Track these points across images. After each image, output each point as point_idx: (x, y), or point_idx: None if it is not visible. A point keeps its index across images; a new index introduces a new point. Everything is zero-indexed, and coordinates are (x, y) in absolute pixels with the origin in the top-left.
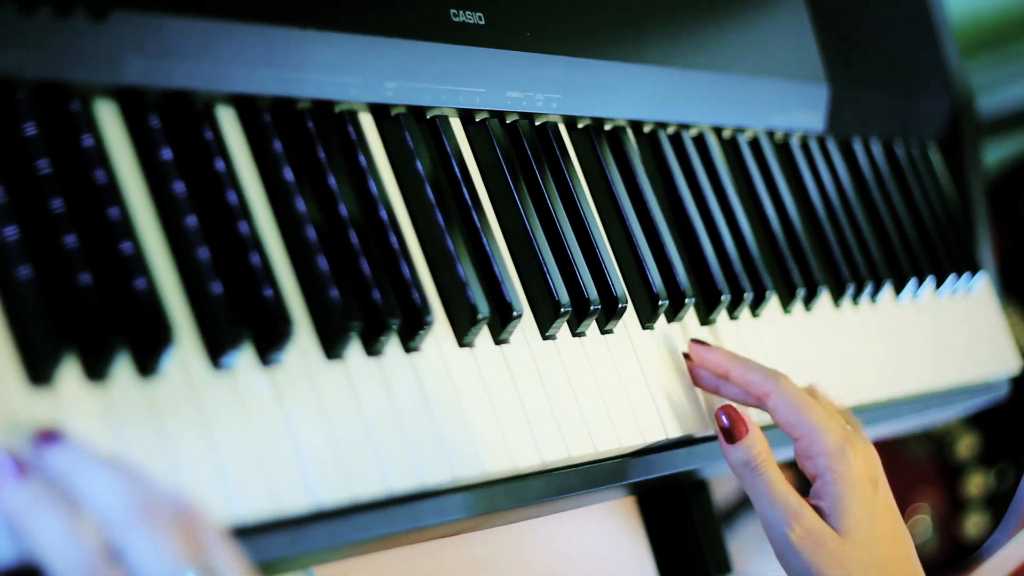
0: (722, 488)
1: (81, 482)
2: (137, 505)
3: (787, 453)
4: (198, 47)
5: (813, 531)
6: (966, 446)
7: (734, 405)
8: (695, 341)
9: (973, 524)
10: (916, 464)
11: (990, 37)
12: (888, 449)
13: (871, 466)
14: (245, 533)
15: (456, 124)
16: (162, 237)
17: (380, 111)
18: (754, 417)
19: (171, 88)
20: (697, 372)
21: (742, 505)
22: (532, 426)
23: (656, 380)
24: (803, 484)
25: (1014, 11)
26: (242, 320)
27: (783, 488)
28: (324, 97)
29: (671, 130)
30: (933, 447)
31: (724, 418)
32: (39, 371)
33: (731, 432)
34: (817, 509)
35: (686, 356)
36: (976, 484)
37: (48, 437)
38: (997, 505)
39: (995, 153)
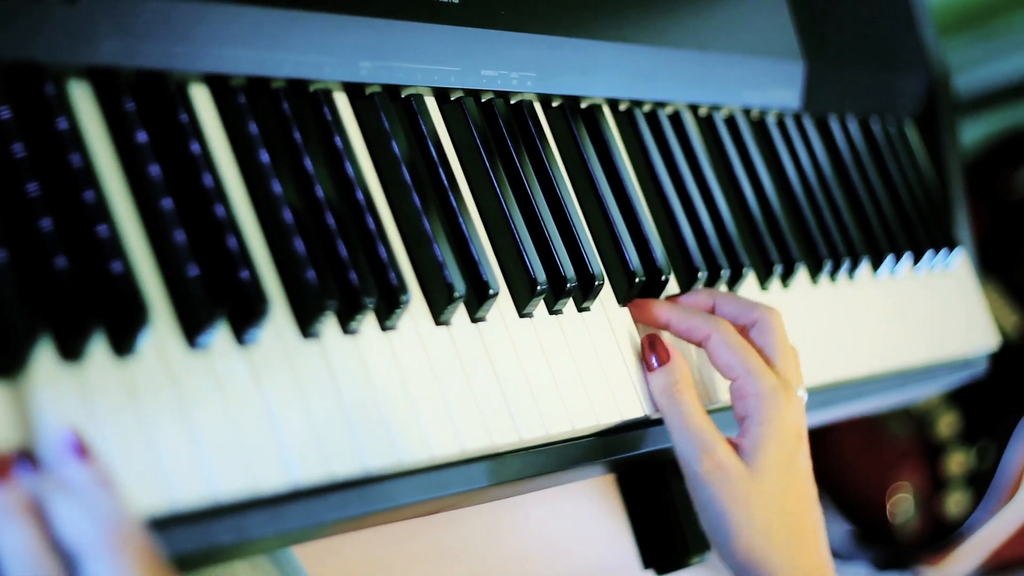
0: None
1: (59, 501)
2: (107, 534)
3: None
4: (172, 27)
5: (724, 465)
6: (947, 424)
7: (658, 334)
8: (634, 301)
9: (954, 502)
10: (897, 443)
11: (967, 16)
12: (869, 427)
13: (798, 422)
14: (222, 512)
15: (431, 103)
16: (138, 220)
17: (355, 90)
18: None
19: (145, 68)
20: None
21: None
22: (509, 403)
23: (634, 357)
24: None
25: None
26: (218, 301)
27: (700, 419)
28: (299, 76)
29: (647, 108)
30: (914, 426)
31: (651, 346)
32: (13, 351)
33: (652, 356)
34: (737, 448)
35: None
36: (957, 462)
37: (73, 446)
38: (978, 483)
39: (974, 131)
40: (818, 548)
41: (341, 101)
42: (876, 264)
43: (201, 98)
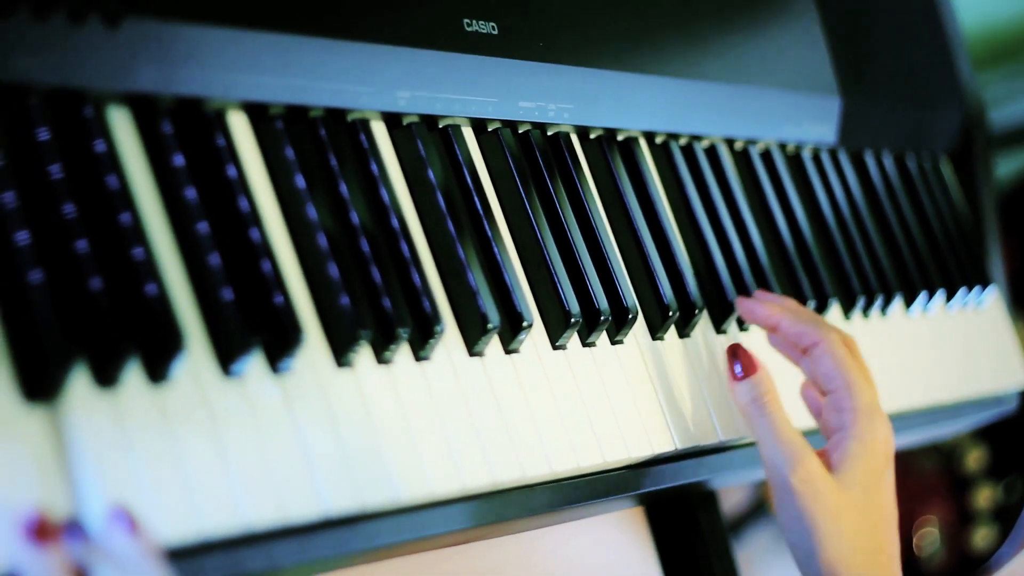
0: (731, 498)
1: (105, 570)
2: None
3: None
4: (211, 55)
5: (815, 476)
6: (975, 459)
7: (741, 343)
8: (742, 297)
9: (981, 537)
10: (925, 476)
11: (1003, 50)
12: (897, 461)
13: (888, 443)
14: (252, 540)
15: (468, 133)
16: (173, 243)
17: (392, 120)
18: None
19: (183, 95)
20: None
21: (751, 515)
22: (541, 435)
23: (666, 391)
24: None
25: None
26: (252, 327)
27: (789, 428)
28: (337, 105)
29: (683, 141)
30: (942, 460)
31: (734, 355)
32: (49, 377)
33: (741, 367)
34: (826, 460)
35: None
36: (985, 497)
37: (123, 519)
38: (1005, 518)
39: (1008, 166)
40: (894, 567)
41: (379, 130)
42: (909, 301)
43: (239, 124)
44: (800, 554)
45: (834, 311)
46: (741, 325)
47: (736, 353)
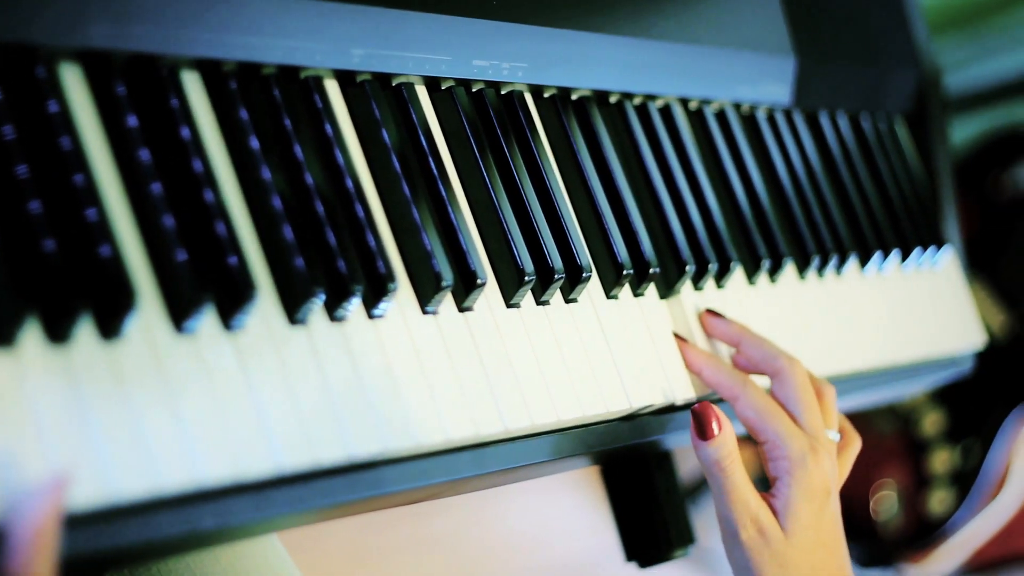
0: (688, 463)
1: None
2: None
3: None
4: (164, 11)
5: (764, 532)
6: (932, 422)
7: (711, 404)
8: (709, 312)
9: (938, 501)
10: (882, 440)
11: (958, 15)
12: (855, 424)
13: (825, 479)
14: (206, 496)
15: (422, 92)
16: (127, 204)
17: (346, 77)
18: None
19: (136, 52)
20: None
21: (704, 483)
22: (495, 393)
23: (620, 350)
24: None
25: None
26: (205, 286)
27: (746, 491)
28: (290, 63)
29: (637, 101)
30: (899, 423)
31: (698, 415)
32: (1, 331)
33: (703, 430)
34: (770, 506)
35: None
36: (941, 461)
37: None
38: (962, 482)
39: (963, 130)
40: None
41: (332, 88)
42: (864, 261)
43: (192, 83)
44: None
45: (788, 270)
46: (695, 285)
47: (705, 412)
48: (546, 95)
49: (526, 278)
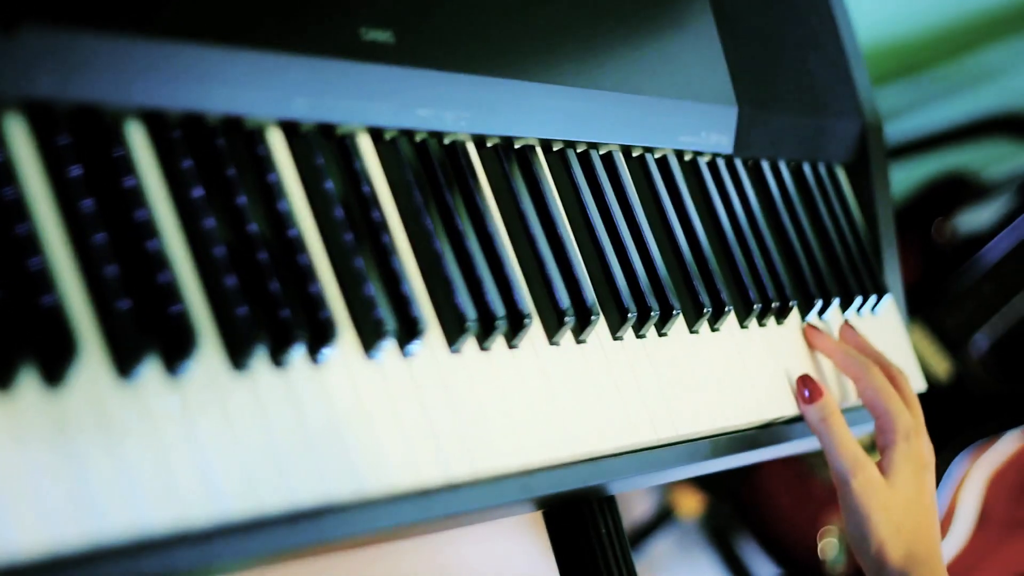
0: (636, 509)
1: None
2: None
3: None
4: (108, 61)
5: (872, 479)
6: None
7: (810, 374)
8: (808, 328)
9: None
10: (827, 483)
11: (900, 66)
12: (799, 468)
13: (926, 455)
14: (149, 546)
15: (366, 141)
16: (71, 253)
17: (290, 128)
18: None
19: (81, 102)
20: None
21: (656, 523)
22: (438, 439)
23: (563, 396)
24: None
25: (922, 40)
26: (149, 334)
27: (851, 443)
28: (234, 112)
29: (580, 149)
30: None
31: (804, 383)
32: None
33: (809, 394)
34: (880, 467)
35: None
36: None
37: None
38: None
39: (913, 173)
40: (933, 546)
41: (276, 138)
42: (805, 309)
43: (137, 133)
44: (857, 537)
45: (730, 318)
46: (637, 332)
47: (805, 381)
48: (489, 144)
49: (467, 324)
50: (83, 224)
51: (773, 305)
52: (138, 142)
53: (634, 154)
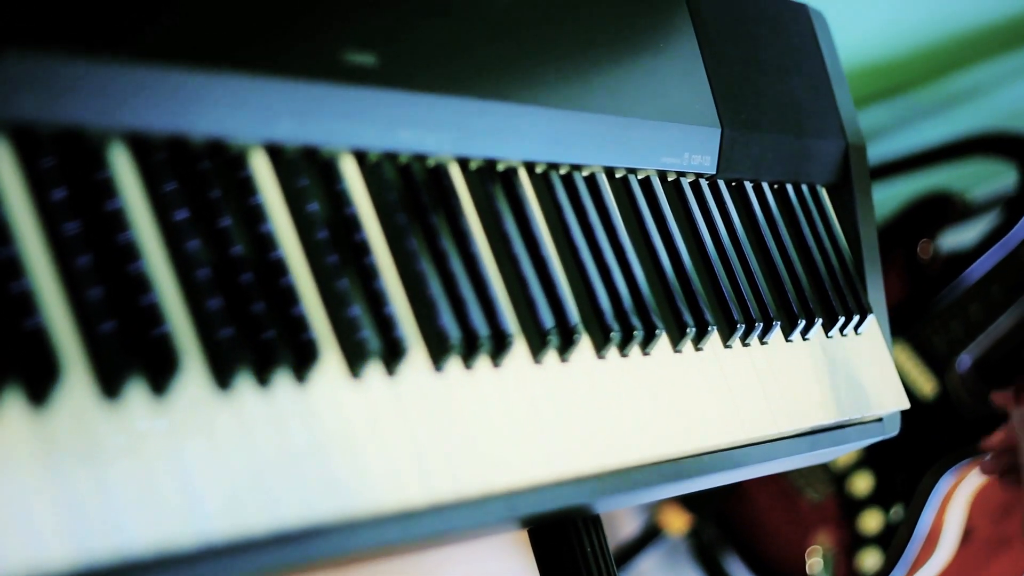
0: (623, 529)
1: None
2: None
3: None
4: (92, 83)
5: None
6: (862, 483)
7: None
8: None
9: (870, 561)
10: (813, 501)
11: (883, 88)
12: (785, 486)
13: None
14: (133, 569)
15: (350, 163)
16: (55, 275)
17: (274, 150)
18: None
19: (65, 124)
20: None
21: (639, 547)
22: (423, 458)
23: (547, 414)
24: None
25: (905, 61)
26: (133, 355)
27: None
28: (218, 135)
29: (563, 171)
30: (831, 484)
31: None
32: None
33: (1017, 397)
34: None
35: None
36: (873, 521)
37: None
38: (893, 542)
39: (891, 194)
40: None
41: (260, 160)
42: (788, 330)
43: (121, 156)
44: None
45: (714, 338)
46: (620, 351)
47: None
48: (473, 166)
49: (451, 344)
50: (67, 246)
51: (756, 325)
52: (122, 165)
53: (617, 175)
